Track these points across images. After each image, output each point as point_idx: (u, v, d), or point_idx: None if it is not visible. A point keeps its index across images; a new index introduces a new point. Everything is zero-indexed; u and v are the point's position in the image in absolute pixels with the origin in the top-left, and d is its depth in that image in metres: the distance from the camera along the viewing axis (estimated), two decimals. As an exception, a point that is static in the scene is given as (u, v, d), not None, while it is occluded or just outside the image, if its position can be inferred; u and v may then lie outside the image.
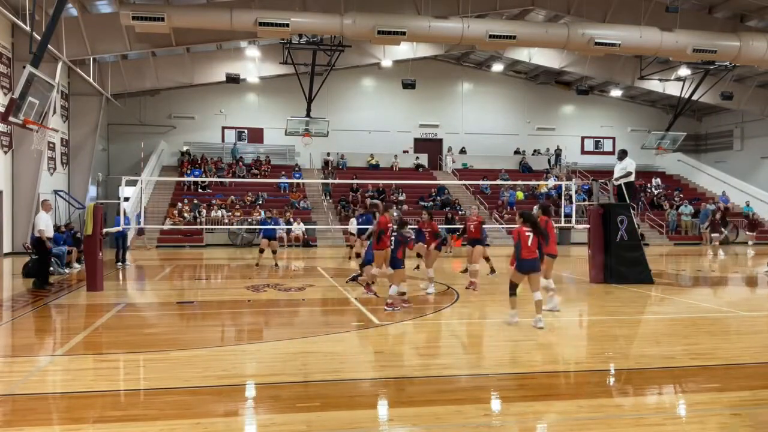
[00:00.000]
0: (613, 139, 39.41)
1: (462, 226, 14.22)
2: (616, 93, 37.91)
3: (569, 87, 37.82)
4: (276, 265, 17.59)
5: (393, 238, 10.34)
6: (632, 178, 14.55)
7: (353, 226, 17.89)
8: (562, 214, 21.11)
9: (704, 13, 25.57)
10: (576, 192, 18.60)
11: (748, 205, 32.75)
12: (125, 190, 17.74)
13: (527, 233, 8.54)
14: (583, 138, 39.75)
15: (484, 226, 13.42)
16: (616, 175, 14.60)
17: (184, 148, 34.00)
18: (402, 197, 31.82)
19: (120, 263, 17.87)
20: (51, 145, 23.85)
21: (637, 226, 14.56)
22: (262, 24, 20.09)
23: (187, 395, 5.66)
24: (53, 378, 6.38)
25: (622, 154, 14.81)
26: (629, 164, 14.43)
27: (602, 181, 21.38)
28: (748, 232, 28.89)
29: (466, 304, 11.05)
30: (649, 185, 35.67)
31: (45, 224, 13.17)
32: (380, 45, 28.10)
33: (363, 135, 36.24)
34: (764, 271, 16.68)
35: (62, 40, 22.24)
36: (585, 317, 10.21)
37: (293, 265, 19.00)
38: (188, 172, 32.01)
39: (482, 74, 38.00)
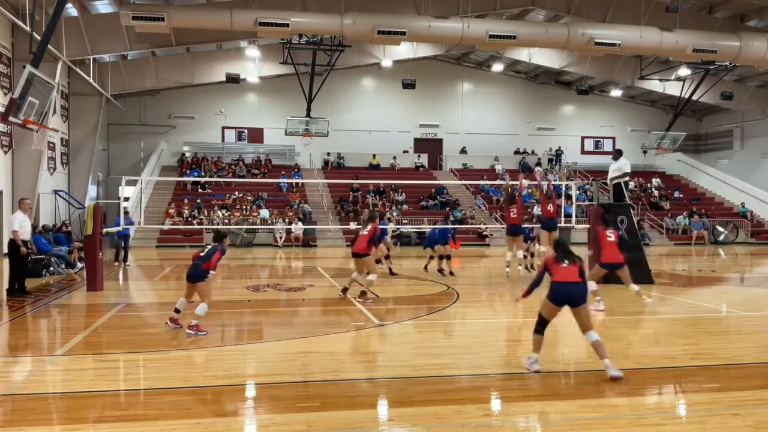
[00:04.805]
0: (613, 139, 39.37)
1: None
2: (616, 93, 37.88)
3: (569, 87, 37.79)
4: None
5: None
6: (627, 177, 14.65)
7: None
8: (563, 214, 21.07)
9: (704, 13, 25.53)
10: (578, 190, 18.62)
11: (743, 206, 32.76)
12: (125, 190, 17.70)
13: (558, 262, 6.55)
14: (583, 138, 39.72)
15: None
16: (610, 175, 14.64)
17: (184, 149, 34.00)
18: (402, 197, 31.81)
19: (118, 263, 17.79)
20: (51, 145, 23.82)
21: (638, 226, 14.61)
22: (262, 24, 20.07)
23: (187, 395, 5.67)
24: (53, 378, 6.38)
25: (617, 154, 14.87)
26: (624, 164, 14.47)
27: (602, 181, 21.37)
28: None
29: (466, 304, 11.05)
30: (649, 185, 35.66)
31: (19, 225, 11.80)
32: (380, 45, 28.08)
33: (363, 135, 36.22)
34: None
35: (62, 40, 22.21)
36: (585, 317, 10.20)
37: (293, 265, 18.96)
38: (187, 172, 32.02)
39: (482, 74, 37.98)
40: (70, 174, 27.37)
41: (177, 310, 8.49)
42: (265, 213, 28.84)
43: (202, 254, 8.42)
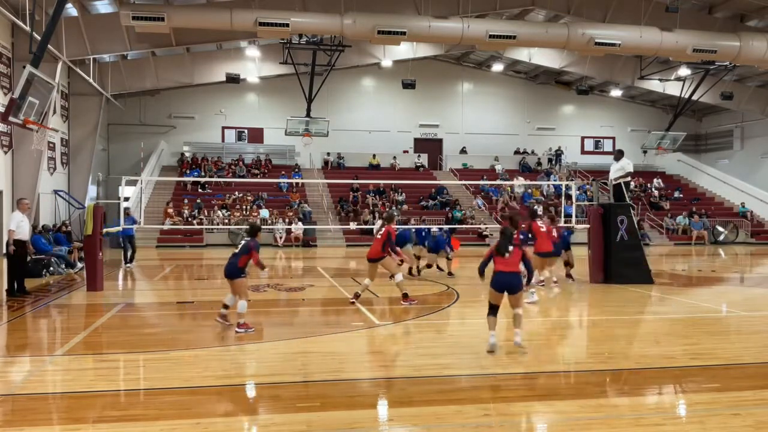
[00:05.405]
0: (613, 139, 39.38)
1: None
2: (616, 93, 37.88)
3: (569, 87, 37.79)
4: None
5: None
6: (629, 177, 14.66)
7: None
8: (563, 214, 21.08)
9: (704, 13, 25.54)
10: (578, 190, 18.61)
11: (743, 206, 32.77)
12: (125, 190, 17.65)
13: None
14: (583, 138, 39.72)
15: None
16: (612, 175, 14.63)
17: (184, 149, 34.00)
18: (402, 197, 31.81)
19: (128, 264, 17.54)
20: (51, 145, 23.82)
21: (638, 226, 14.59)
22: (262, 24, 20.07)
23: (187, 395, 5.67)
24: (53, 378, 6.38)
25: (619, 154, 14.87)
26: (627, 164, 14.46)
27: (602, 180, 21.39)
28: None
29: (466, 304, 11.05)
30: (649, 185, 35.66)
31: (17, 224, 11.57)
32: (380, 45, 28.07)
33: (363, 135, 36.21)
34: None
35: (62, 40, 22.21)
36: (585, 317, 10.22)
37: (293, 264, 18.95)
38: (187, 172, 32.02)
39: (482, 74, 37.98)
40: (70, 174, 27.37)
41: (225, 306, 8.64)
42: (265, 213, 28.84)
43: (236, 251, 8.60)
